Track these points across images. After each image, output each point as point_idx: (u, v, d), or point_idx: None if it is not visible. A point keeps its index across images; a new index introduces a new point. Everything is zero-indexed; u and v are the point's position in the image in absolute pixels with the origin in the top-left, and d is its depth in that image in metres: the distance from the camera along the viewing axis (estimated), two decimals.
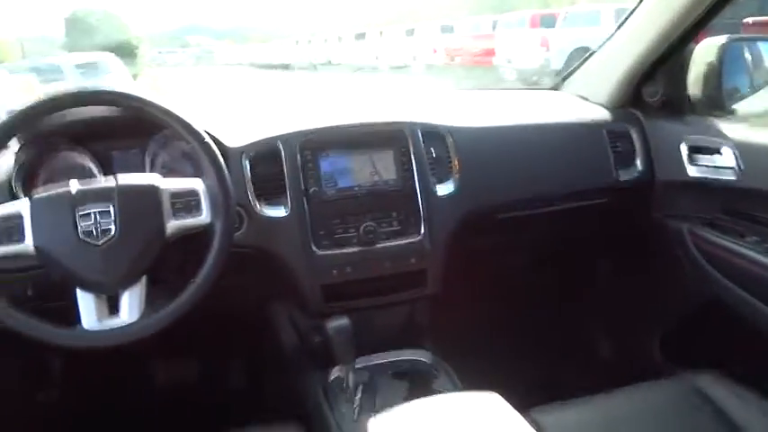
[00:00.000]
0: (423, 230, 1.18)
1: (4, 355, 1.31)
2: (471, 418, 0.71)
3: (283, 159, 1.16)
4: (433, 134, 1.24)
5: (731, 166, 1.19)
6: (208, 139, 0.99)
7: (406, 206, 1.18)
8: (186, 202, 0.97)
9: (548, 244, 1.54)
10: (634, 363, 1.60)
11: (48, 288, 1.01)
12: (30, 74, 7.37)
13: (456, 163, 1.23)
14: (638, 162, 1.37)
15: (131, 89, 1.00)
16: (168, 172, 1.21)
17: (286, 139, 1.17)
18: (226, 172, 0.99)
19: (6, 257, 0.90)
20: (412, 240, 1.18)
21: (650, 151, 1.37)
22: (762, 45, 1.67)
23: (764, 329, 1.17)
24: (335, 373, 1.18)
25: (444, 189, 1.22)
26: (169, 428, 1.43)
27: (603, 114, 1.41)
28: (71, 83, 7.52)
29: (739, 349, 1.31)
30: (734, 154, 1.18)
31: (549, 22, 10.10)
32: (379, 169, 1.19)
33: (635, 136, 1.38)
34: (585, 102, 1.49)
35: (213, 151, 0.98)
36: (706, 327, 1.39)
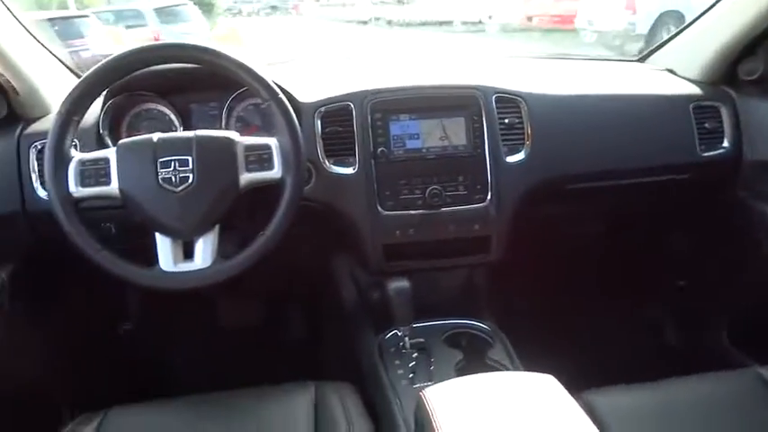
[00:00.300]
0: (489, 197, 1.17)
1: (92, 291, 1.42)
2: (526, 400, 0.71)
3: (354, 119, 1.16)
4: (508, 100, 1.21)
5: None
6: (282, 97, 1.00)
7: (474, 172, 1.17)
8: (259, 156, 0.99)
9: (619, 217, 1.49)
10: (700, 350, 1.54)
11: (129, 229, 1.08)
12: (117, 24, 7.62)
13: (529, 131, 1.20)
14: (726, 141, 1.29)
15: (212, 44, 1.02)
16: (243, 125, 1.25)
17: (358, 98, 1.17)
18: (298, 129, 1.00)
19: (94, 197, 0.96)
20: (477, 206, 1.17)
21: (740, 130, 1.29)
22: None
23: None
24: (392, 333, 1.20)
25: (514, 157, 1.19)
26: (231, 366, 1.52)
27: (692, 89, 1.33)
28: (151, 28, 7.75)
29: None
30: None
31: None
32: (448, 134, 1.18)
33: (725, 114, 1.30)
34: (673, 76, 1.41)
35: (287, 109, 1.00)
36: None
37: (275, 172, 1.00)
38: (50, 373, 1.34)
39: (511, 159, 1.19)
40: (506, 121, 1.20)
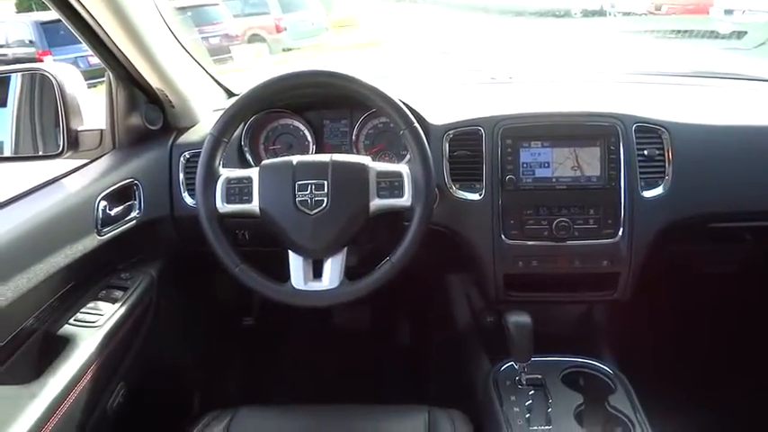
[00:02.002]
0: (621, 233, 1.12)
1: (224, 287, 1.53)
2: None
3: (483, 144, 1.15)
4: (649, 129, 1.14)
5: None
6: (417, 126, 1.01)
7: (607, 205, 1.12)
8: (390, 183, 1.02)
9: (759, 258, 1.36)
10: None
11: (262, 237, 1.14)
12: (243, 11, 8.02)
13: (670, 164, 1.13)
14: None
15: (348, 71, 1.05)
16: (371, 143, 1.28)
17: (489, 123, 1.16)
18: (431, 160, 1.01)
19: (237, 214, 1.03)
20: (607, 242, 1.12)
21: None
22: None
23: None
24: (508, 364, 1.19)
25: (652, 191, 1.13)
26: (339, 371, 1.57)
27: None
28: (273, 15, 8.09)
29: None
30: None
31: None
32: (581, 164, 1.14)
33: None
34: None
35: (422, 140, 1.01)
36: None
37: (405, 200, 1.01)
38: (185, 365, 1.46)
39: (648, 194, 1.13)
40: (645, 152, 1.13)
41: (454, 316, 1.45)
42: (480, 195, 1.15)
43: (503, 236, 1.14)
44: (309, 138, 1.30)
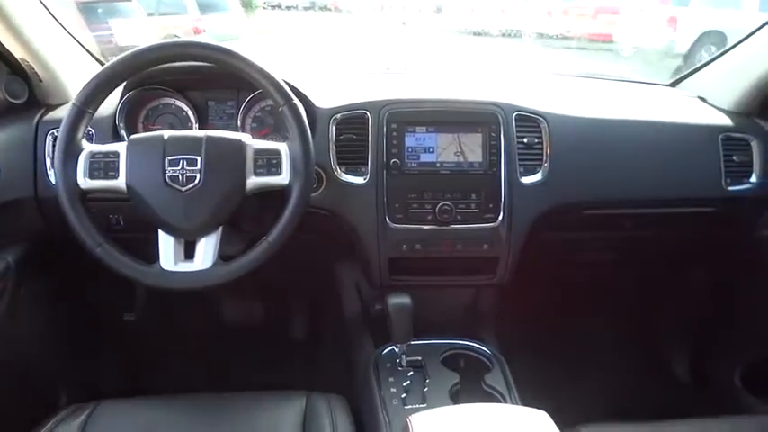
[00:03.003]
0: (501, 217, 1.14)
1: (101, 279, 1.43)
2: None
3: (369, 127, 1.15)
4: (528, 119, 1.18)
5: None
6: (296, 102, 0.99)
7: (488, 190, 1.15)
8: (268, 161, 0.99)
9: (636, 247, 1.45)
10: (709, 390, 1.49)
11: (137, 222, 1.08)
12: (158, 10, 7.71)
13: (548, 152, 1.17)
14: (755, 176, 1.24)
15: (230, 45, 1.01)
16: (258, 126, 1.24)
17: (375, 107, 1.15)
18: (310, 137, 0.99)
19: (102, 190, 0.96)
20: (488, 226, 1.14)
21: None
22: None
23: None
24: (389, 348, 1.18)
25: (531, 178, 1.16)
26: (229, 364, 1.51)
27: (723, 120, 1.28)
28: (192, 16, 7.84)
29: None
30: None
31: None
32: (464, 150, 1.15)
33: (756, 148, 1.25)
34: (704, 104, 1.36)
35: (300, 115, 0.99)
36: None
37: (283, 177, 0.98)
38: (52, 357, 1.35)
39: (527, 180, 1.16)
40: (525, 140, 1.17)
41: (344, 305, 1.43)
42: (365, 179, 1.14)
43: (387, 219, 1.13)
44: (192, 118, 1.24)
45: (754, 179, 1.24)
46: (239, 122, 1.23)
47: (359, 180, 1.14)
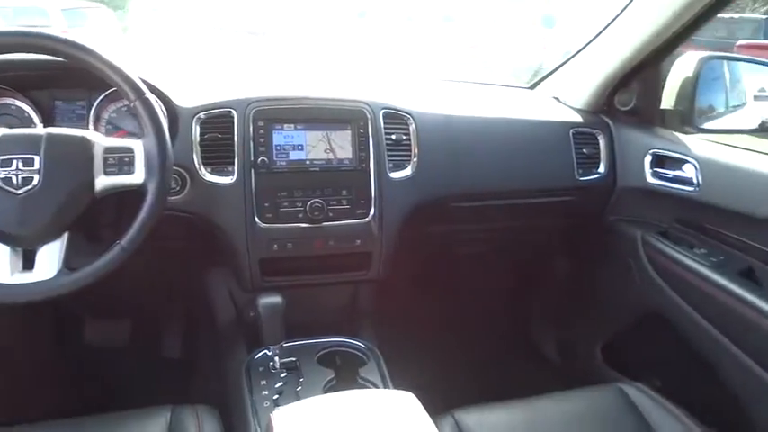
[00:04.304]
0: (372, 213, 1.15)
1: None
2: (378, 419, 0.68)
3: (235, 126, 1.11)
4: (396, 116, 1.21)
5: (691, 179, 1.18)
6: (149, 97, 0.93)
7: (358, 187, 1.15)
8: (119, 159, 0.92)
9: (502, 238, 1.53)
10: (575, 368, 1.59)
11: None
12: (16, 21, 7.06)
13: (415, 148, 1.20)
14: (602, 167, 1.36)
15: (77, 36, 0.94)
16: (112, 129, 1.16)
17: (240, 105, 1.12)
18: (165, 133, 0.94)
19: None
20: (360, 221, 1.15)
21: (615, 157, 1.35)
22: (742, 65, 1.66)
23: (697, 344, 1.18)
24: (261, 352, 1.14)
25: (400, 173, 1.19)
26: (85, 387, 1.39)
27: (573, 117, 1.39)
28: (58, 28, 7.27)
29: (672, 362, 1.32)
30: (695, 168, 1.17)
31: (549, 22, 10.10)
32: (334, 147, 1.15)
33: (601, 141, 1.36)
34: (558, 103, 1.47)
35: (154, 110, 0.93)
36: (647, 337, 1.39)
37: (136, 176, 0.92)
38: None
39: (396, 175, 1.18)
40: (393, 137, 1.19)
41: (218, 313, 1.37)
42: (232, 179, 1.10)
43: (257, 219, 1.10)
44: (36, 120, 1.12)
45: (601, 169, 1.36)
46: (91, 125, 1.14)
47: (226, 180, 1.10)
